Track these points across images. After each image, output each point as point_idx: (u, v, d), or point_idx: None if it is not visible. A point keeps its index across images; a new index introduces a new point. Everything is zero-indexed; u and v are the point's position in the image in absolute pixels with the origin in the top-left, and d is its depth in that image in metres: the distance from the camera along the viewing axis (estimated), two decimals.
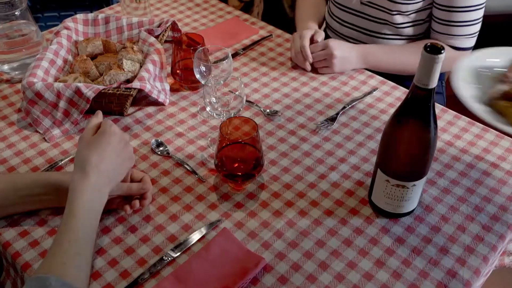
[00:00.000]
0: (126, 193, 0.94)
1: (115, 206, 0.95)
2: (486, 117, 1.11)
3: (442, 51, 0.76)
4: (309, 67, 1.33)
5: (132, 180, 0.97)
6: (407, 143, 0.86)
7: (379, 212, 0.97)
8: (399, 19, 1.36)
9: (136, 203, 0.94)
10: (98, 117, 0.96)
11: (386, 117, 1.21)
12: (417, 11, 1.35)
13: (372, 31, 1.42)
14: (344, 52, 1.29)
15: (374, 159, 1.09)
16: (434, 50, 0.76)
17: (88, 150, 0.89)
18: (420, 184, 0.91)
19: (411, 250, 0.91)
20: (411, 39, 1.41)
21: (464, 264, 0.89)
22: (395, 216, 0.96)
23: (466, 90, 1.19)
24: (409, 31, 1.39)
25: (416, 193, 0.92)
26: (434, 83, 0.79)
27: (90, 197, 0.86)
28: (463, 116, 1.21)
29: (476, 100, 1.17)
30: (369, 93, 1.27)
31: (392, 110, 1.23)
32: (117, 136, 0.91)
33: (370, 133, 1.16)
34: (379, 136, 1.15)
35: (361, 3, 1.38)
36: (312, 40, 1.33)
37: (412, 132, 0.85)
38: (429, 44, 0.77)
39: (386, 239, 0.93)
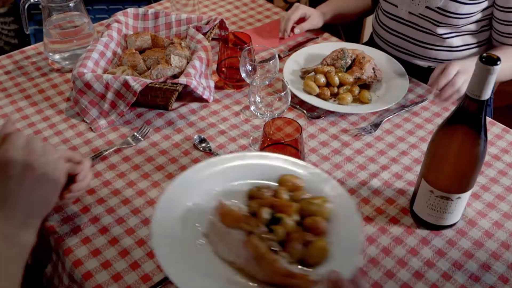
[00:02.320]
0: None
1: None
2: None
3: (498, 62, 0.74)
4: (282, 34, 1.46)
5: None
6: (455, 155, 0.84)
7: (420, 223, 0.95)
8: (445, 30, 1.33)
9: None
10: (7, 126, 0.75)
11: (431, 127, 1.18)
12: (470, 23, 1.32)
13: (420, 41, 1.39)
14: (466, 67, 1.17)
15: (417, 168, 1.07)
16: (490, 61, 0.74)
17: None
18: (465, 197, 0.89)
19: (452, 264, 0.89)
20: (459, 50, 1.38)
21: (507, 282, 0.87)
22: (436, 228, 0.94)
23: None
24: (456, 41, 1.36)
25: (460, 206, 0.90)
26: (487, 94, 0.77)
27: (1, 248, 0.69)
28: None
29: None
30: (418, 102, 1.24)
31: (437, 120, 1.20)
32: (18, 164, 0.71)
33: (414, 142, 1.14)
34: (423, 146, 1.13)
35: (409, 13, 1.36)
36: (304, 19, 1.46)
37: (461, 143, 0.83)
38: (485, 54, 0.75)
39: (426, 250, 0.91)
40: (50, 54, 1.33)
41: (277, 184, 0.84)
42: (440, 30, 1.33)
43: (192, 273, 0.70)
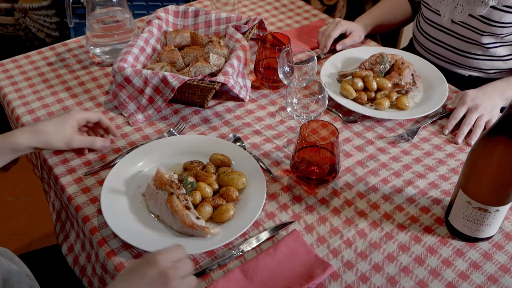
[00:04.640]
0: (90, 146, 1.07)
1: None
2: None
3: None
4: (321, 51, 1.41)
5: (100, 125, 1.10)
6: (497, 166, 0.82)
7: (455, 233, 0.93)
8: (489, 39, 1.31)
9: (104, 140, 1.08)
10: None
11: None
12: None
13: (461, 50, 1.37)
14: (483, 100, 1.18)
15: (454, 178, 1.05)
16: None
17: (121, 276, 0.78)
18: (504, 210, 0.87)
19: (487, 278, 0.87)
20: (503, 60, 1.35)
21: None
22: (472, 240, 0.92)
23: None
24: (500, 51, 1.33)
25: (498, 218, 0.88)
26: None
27: None
28: None
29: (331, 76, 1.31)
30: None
31: None
32: (156, 269, 0.74)
33: (452, 151, 1.12)
34: (461, 155, 1.11)
35: (452, 21, 1.33)
36: (345, 34, 1.42)
37: (503, 155, 0.81)
38: None
39: (460, 262, 0.89)
40: (91, 47, 1.35)
41: (209, 160, 1.05)
42: (484, 40, 1.31)
43: (126, 222, 0.92)
